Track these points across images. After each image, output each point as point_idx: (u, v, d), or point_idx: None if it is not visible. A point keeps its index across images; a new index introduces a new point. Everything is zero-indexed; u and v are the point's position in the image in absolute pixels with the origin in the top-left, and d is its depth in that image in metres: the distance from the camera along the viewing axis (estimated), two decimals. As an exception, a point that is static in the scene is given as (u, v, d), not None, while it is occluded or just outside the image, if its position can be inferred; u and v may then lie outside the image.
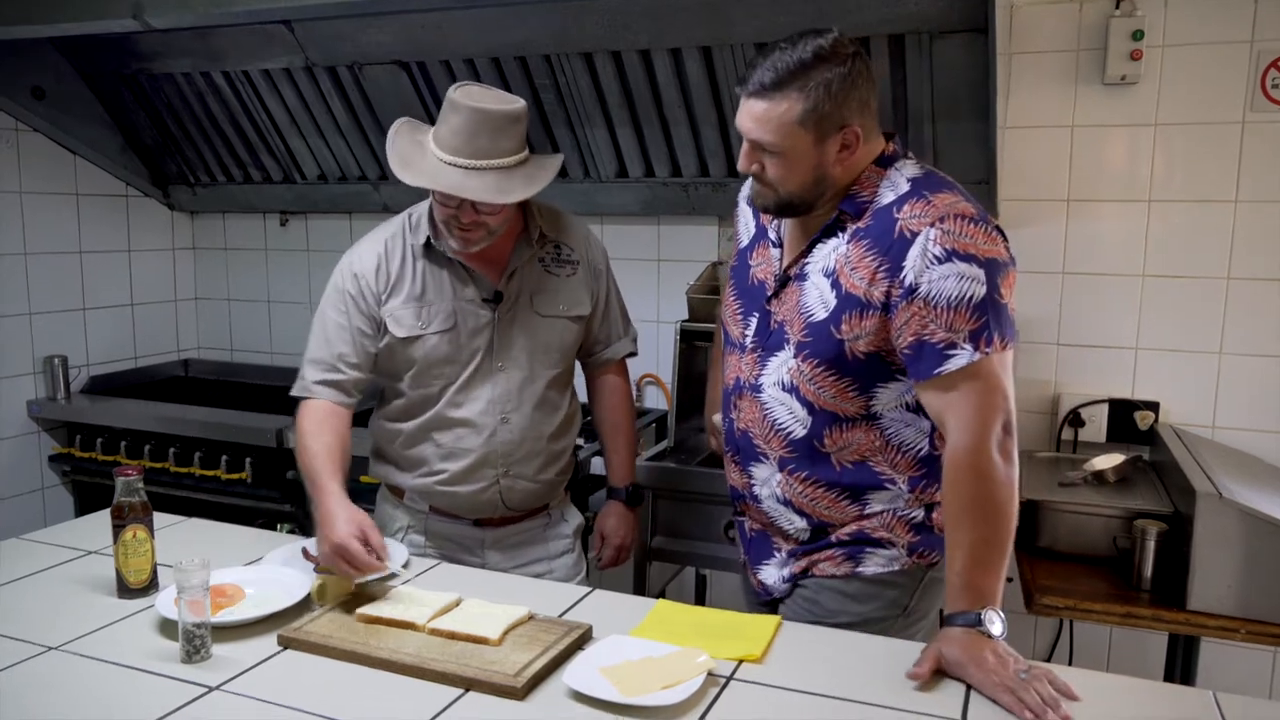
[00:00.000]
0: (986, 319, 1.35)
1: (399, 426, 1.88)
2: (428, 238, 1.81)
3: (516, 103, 1.70)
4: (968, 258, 1.35)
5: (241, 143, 3.25)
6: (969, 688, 1.27)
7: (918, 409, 1.48)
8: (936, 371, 1.37)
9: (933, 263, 1.36)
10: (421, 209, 1.85)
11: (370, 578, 1.57)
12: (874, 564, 1.56)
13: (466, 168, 1.66)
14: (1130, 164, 2.42)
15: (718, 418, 1.76)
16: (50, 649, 1.39)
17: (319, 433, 1.75)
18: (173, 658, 1.35)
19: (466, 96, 1.67)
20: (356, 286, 1.81)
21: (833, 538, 1.57)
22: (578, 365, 2.03)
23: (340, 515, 1.59)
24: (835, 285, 1.46)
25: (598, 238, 1.98)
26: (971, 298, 1.34)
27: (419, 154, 1.71)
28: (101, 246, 3.37)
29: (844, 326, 1.44)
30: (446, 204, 1.72)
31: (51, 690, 1.28)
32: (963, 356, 1.35)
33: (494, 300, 1.82)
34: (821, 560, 1.58)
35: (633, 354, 2.07)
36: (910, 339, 1.39)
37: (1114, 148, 2.42)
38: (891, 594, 1.57)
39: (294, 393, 1.82)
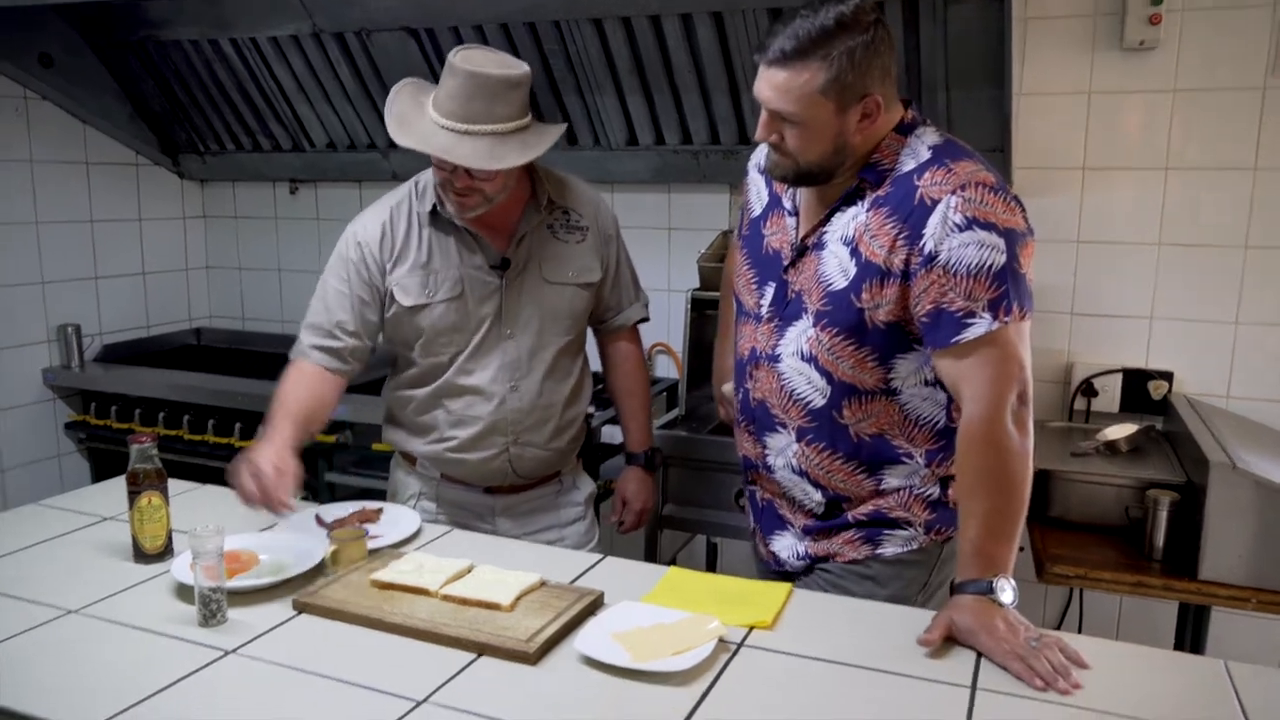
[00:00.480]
0: (1006, 288, 1.34)
1: (410, 393, 1.88)
2: (434, 205, 1.80)
3: (517, 68, 1.68)
4: (988, 226, 1.34)
5: (250, 110, 3.24)
6: (979, 655, 1.28)
7: (936, 382, 1.48)
8: (954, 340, 1.36)
9: (953, 230, 1.35)
10: (428, 176, 1.83)
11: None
12: (893, 545, 1.56)
13: (459, 131, 1.65)
14: (1147, 131, 2.39)
15: (727, 387, 1.75)
16: (70, 612, 1.41)
17: (294, 388, 1.77)
18: (189, 621, 1.37)
19: (465, 60, 1.65)
20: (359, 254, 1.80)
21: (849, 517, 1.57)
22: (590, 333, 2.02)
23: (271, 448, 1.61)
24: (855, 253, 1.44)
25: (608, 204, 1.97)
26: (991, 266, 1.33)
27: (417, 115, 1.69)
28: (112, 215, 3.37)
29: (864, 295, 1.43)
30: (442, 167, 1.71)
31: (73, 652, 1.30)
32: (980, 325, 1.34)
33: (501, 267, 1.81)
34: (839, 544, 1.58)
35: (645, 319, 2.06)
36: (928, 307, 1.38)
37: (1131, 114, 2.39)
38: (911, 573, 1.57)
39: (291, 356, 1.83)
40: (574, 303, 1.89)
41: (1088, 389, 2.49)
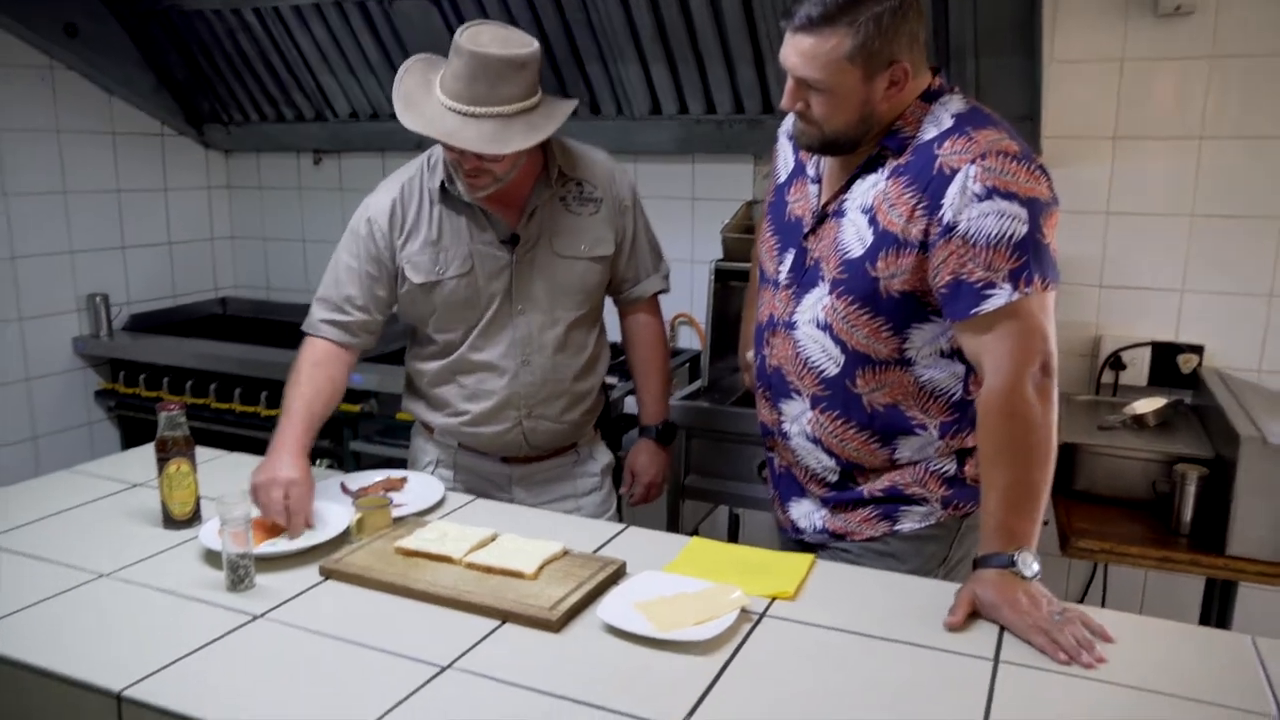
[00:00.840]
0: (1026, 259, 1.32)
1: (426, 367, 1.89)
2: (443, 181, 1.79)
3: (524, 48, 1.63)
4: (1009, 196, 1.32)
5: (273, 80, 3.24)
6: (1003, 628, 1.27)
7: (952, 354, 1.47)
8: (973, 312, 1.34)
9: (972, 200, 1.33)
10: (439, 151, 1.81)
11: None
12: (910, 521, 1.55)
13: (464, 114, 1.62)
14: (1182, 99, 2.34)
15: (751, 354, 1.74)
16: (101, 576, 1.43)
17: (311, 376, 1.76)
18: (218, 586, 1.39)
19: (471, 40, 1.61)
20: (369, 230, 1.80)
21: (864, 492, 1.56)
22: (609, 304, 2.01)
23: (284, 464, 1.59)
24: (872, 222, 1.43)
25: (625, 172, 1.93)
26: (1011, 236, 1.31)
27: (425, 95, 1.67)
28: (138, 185, 3.39)
29: (880, 264, 1.42)
30: (450, 149, 1.69)
31: (107, 614, 1.32)
32: (1000, 296, 1.33)
33: (511, 242, 1.80)
34: (857, 522, 1.58)
35: (664, 291, 2.04)
36: (947, 278, 1.36)
37: (1165, 82, 2.34)
38: (931, 548, 1.56)
39: (303, 329, 1.84)
40: (586, 277, 1.87)
41: (1115, 362, 2.46)
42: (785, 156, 1.64)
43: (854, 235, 1.45)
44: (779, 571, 1.43)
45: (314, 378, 1.76)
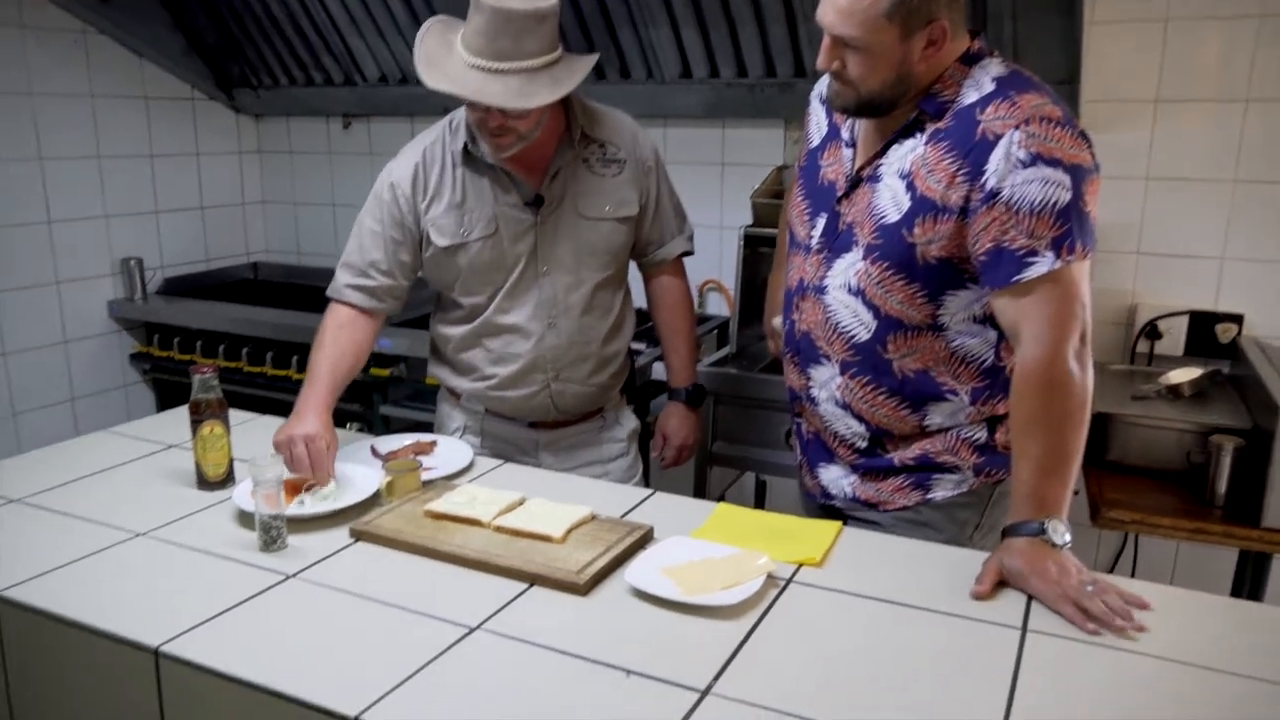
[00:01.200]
0: (1069, 226, 1.30)
1: (452, 332, 1.89)
2: (466, 143, 1.78)
3: (544, 0, 1.62)
4: (1053, 162, 1.29)
5: (302, 43, 3.23)
6: (1031, 597, 1.26)
7: (985, 320, 1.45)
8: (1014, 279, 1.32)
9: (1017, 166, 1.30)
10: (462, 113, 1.80)
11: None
12: (943, 489, 1.54)
13: (488, 70, 1.61)
14: (1227, 61, 2.27)
15: (777, 321, 1.74)
16: (138, 535, 1.46)
17: (335, 339, 1.78)
18: (251, 546, 1.41)
19: None
20: (392, 195, 1.80)
21: (895, 460, 1.55)
22: (633, 268, 2.00)
23: (306, 421, 1.61)
24: (910, 188, 1.41)
25: (647, 134, 1.92)
26: (1055, 203, 1.29)
27: (446, 55, 1.65)
28: (171, 150, 3.41)
29: (916, 230, 1.40)
30: (474, 109, 1.67)
31: (141, 573, 1.34)
32: (1043, 264, 1.31)
33: (535, 204, 1.79)
34: (889, 491, 1.57)
35: (688, 253, 2.02)
36: (988, 245, 1.34)
37: (1211, 43, 2.28)
38: (964, 515, 1.56)
39: (328, 294, 1.85)
40: (611, 238, 1.86)
41: (1151, 331, 2.42)
42: (818, 120, 1.62)
43: (890, 200, 1.43)
44: (806, 538, 1.43)
45: (338, 340, 1.77)
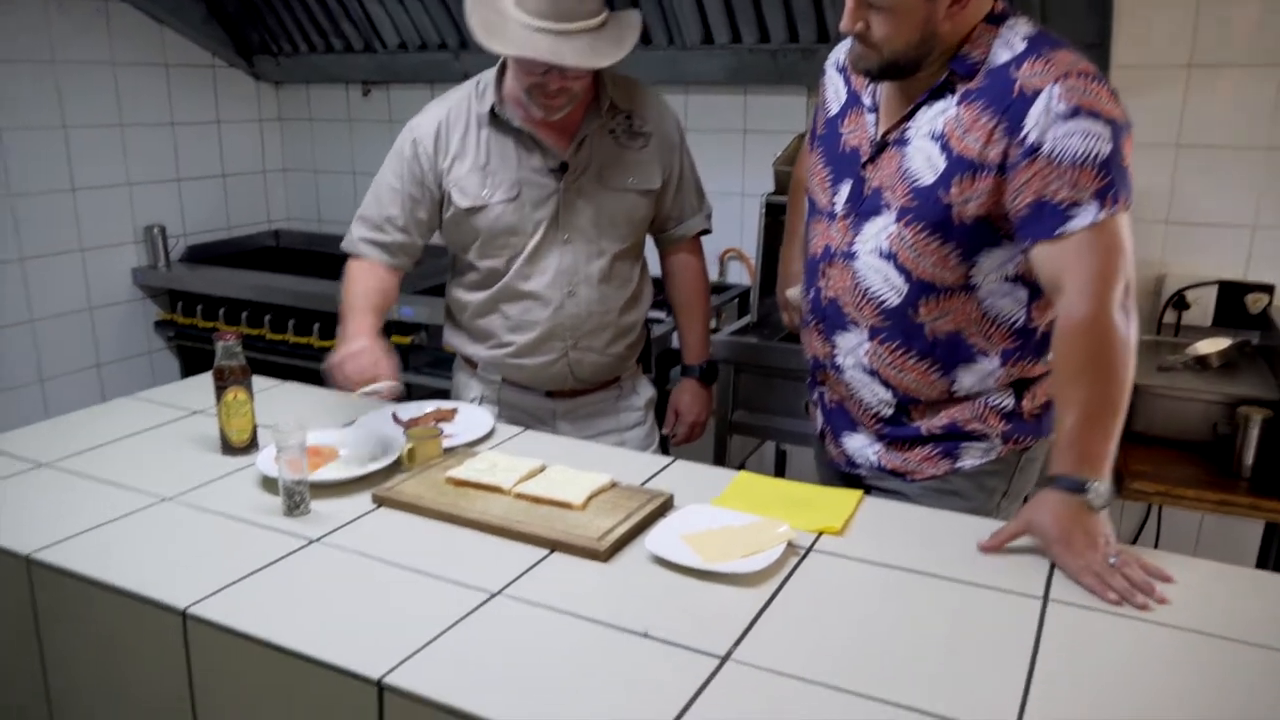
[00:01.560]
0: (1112, 177, 1.29)
1: (469, 297, 1.89)
2: (492, 105, 1.77)
3: None
4: (1093, 114, 1.28)
5: (321, 9, 3.21)
6: (1053, 565, 1.26)
7: (1017, 279, 1.44)
8: (1057, 231, 1.31)
9: (1057, 120, 1.29)
10: (488, 76, 1.80)
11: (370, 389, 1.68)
12: (971, 457, 1.54)
13: (557, 32, 1.60)
14: (1264, 24, 2.21)
15: (792, 292, 1.73)
16: (164, 499, 1.47)
17: (363, 278, 1.83)
18: (275, 511, 1.42)
19: None
20: (413, 151, 1.80)
21: (922, 429, 1.55)
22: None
23: (359, 338, 1.69)
24: (945, 149, 1.40)
25: (673, 109, 1.91)
26: (1097, 155, 1.28)
27: (500, 20, 1.64)
28: (192, 118, 3.42)
29: (953, 190, 1.39)
30: (532, 71, 1.66)
31: (168, 536, 1.36)
32: (1087, 215, 1.29)
33: (559, 171, 1.79)
34: (917, 460, 1.57)
35: (706, 231, 2.02)
36: (1030, 199, 1.33)
37: (1248, 5, 2.22)
38: (992, 482, 1.56)
39: (343, 246, 1.87)
40: (633, 210, 1.86)
41: (1179, 301, 2.38)
42: (835, 88, 1.61)
43: (923, 162, 1.42)
44: (826, 507, 1.43)
45: (365, 280, 1.82)
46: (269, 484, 1.49)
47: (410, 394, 2.78)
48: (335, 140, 3.62)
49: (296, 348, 2.99)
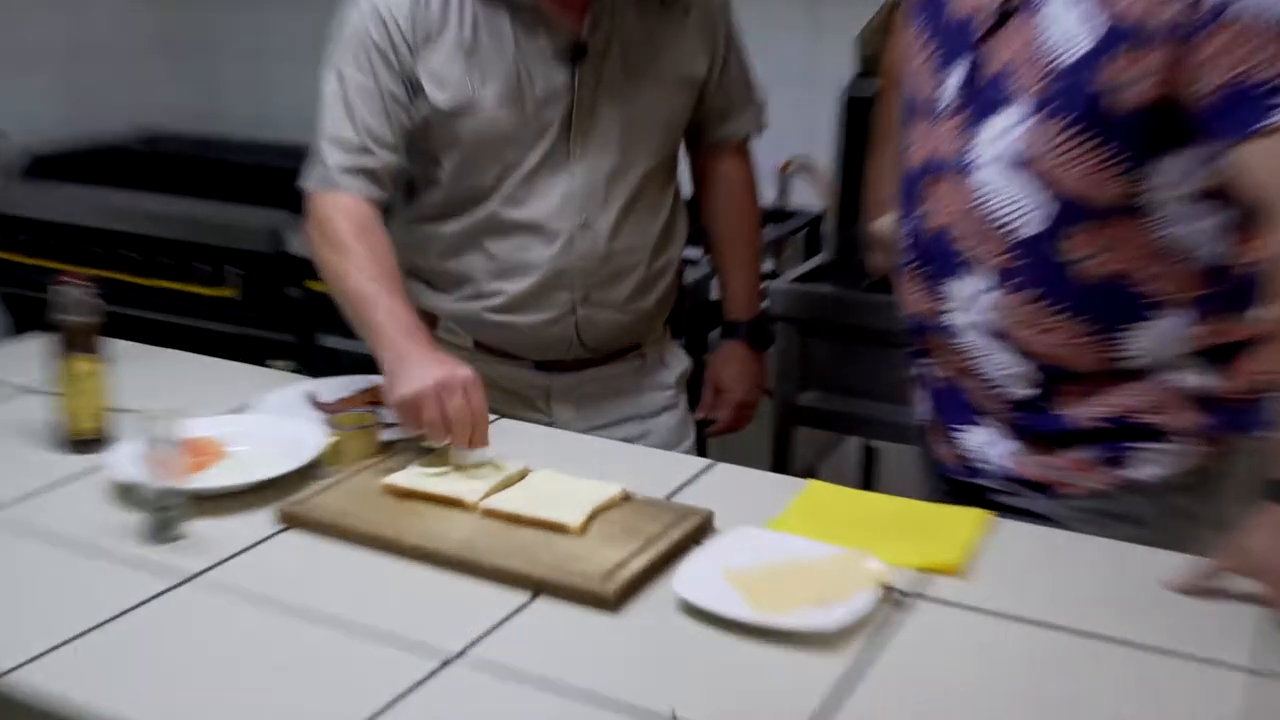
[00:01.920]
0: None
1: (435, 229, 1.90)
2: None
3: None
4: None
5: None
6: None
7: (1208, 196, 1.44)
8: (1260, 125, 1.30)
9: None
10: None
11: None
12: (1150, 465, 1.54)
13: None
14: None
15: (886, 222, 1.75)
16: (-31, 516, 1.48)
17: (368, 245, 1.73)
18: (134, 535, 1.40)
19: None
20: (384, 33, 1.77)
21: (1074, 420, 1.55)
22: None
23: (442, 361, 1.58)
24: (1093, 14, 1.40)
25: None
26: None
27: None
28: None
29: (1107, 70, 1.39)
30: None
31: (-23, 571, 1.36)
32: None
33: (573, 55, 1.78)
34: (1066, 467, 1.56)
35: (757, 131, 2.05)
36: (1220, 79, 1.33)
37: None
38: (1181, 502, 1.55)
39: (310, 184, 1.82)
40: (672, 106, 1.90)
41: None
42: None
43: (1063, 34, 1.44)
44: (937, 533, 1.43)
45: (372, 247, 1.74)
46: (126, 494, 1.48)
47: (331, 365, 2.78)
48: (242, 6, 3.59)
49: (176, 298, 3.00)
